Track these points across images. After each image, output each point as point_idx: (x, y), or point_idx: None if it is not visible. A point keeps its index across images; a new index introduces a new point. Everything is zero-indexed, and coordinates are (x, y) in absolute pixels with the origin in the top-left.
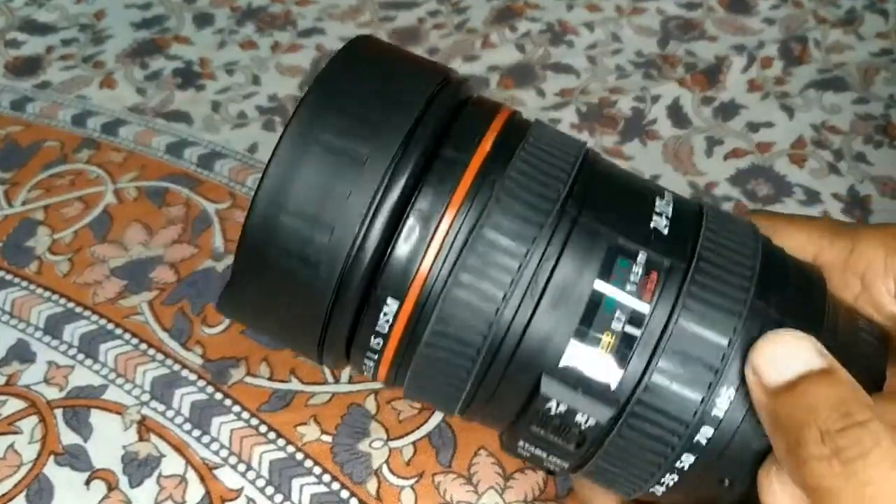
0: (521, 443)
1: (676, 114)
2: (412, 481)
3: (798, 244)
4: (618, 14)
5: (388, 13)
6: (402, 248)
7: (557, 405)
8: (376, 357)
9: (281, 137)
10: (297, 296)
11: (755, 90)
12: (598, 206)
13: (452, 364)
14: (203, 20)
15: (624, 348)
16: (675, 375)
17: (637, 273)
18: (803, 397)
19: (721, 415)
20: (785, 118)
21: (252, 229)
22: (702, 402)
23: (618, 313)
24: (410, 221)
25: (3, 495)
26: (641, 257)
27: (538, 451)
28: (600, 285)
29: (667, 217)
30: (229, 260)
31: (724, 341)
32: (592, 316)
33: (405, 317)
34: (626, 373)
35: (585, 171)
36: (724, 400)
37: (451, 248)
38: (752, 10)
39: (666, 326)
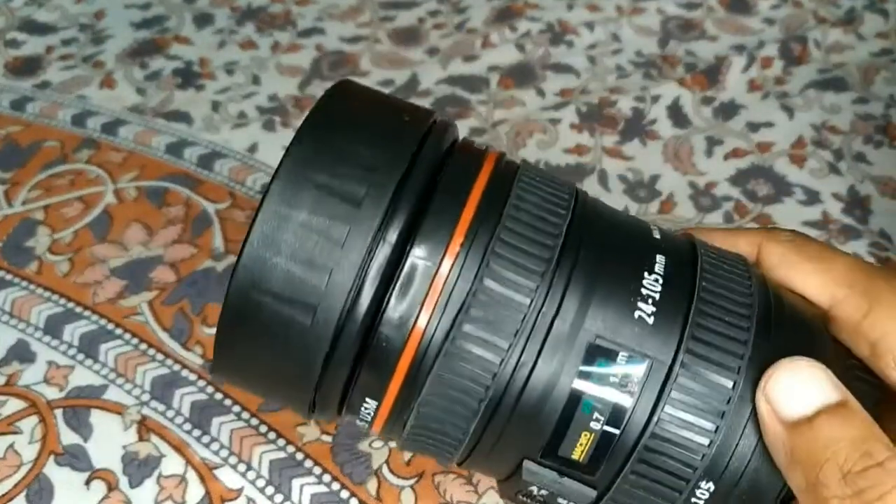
0: (517, 496)
1: (676, 114)
2: (412, 481)
3: (813, 290)
4: (618, 14)
5: (387, 13)
6: (400, 298)
7: (539, 489)
8: (373, 409)
9: (272, 180)
10: (291, 342)
11: (755, 90)
12: (592, 255)
13: (454, 415)
14: (203, 20)
15: (605, 444)
16: (663, 453)
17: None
18: (822, 432)
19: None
20: (785, 118)
21: (243, 271)
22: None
23: (599, 407)
24: (408, 268)
25: (3, 495)
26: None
27: None
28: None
29: (653, 303)
30: (229, 260)
31: (697, 458)
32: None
33: (404, 367)
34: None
35: (577, 215)
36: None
37: (449, 297)
38: (752, 9)
39: (650, 419)
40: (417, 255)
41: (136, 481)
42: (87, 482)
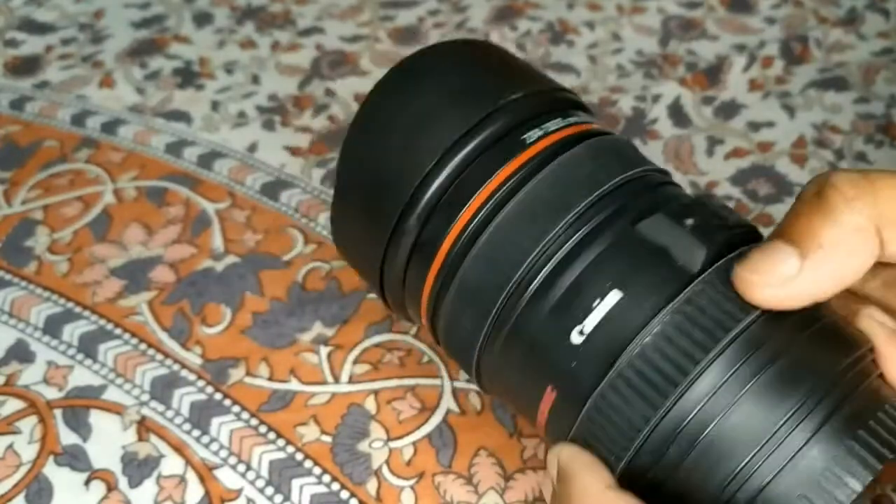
0: None
1: (677, 113)
2: (412, 482)
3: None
4: (618, 13)
5: (387, 12)
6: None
7: None
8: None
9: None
10: (379, 200)
11: (756, 89)
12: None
13: (486, 290)
14: (202, 19)
15: None
16: None
17: None
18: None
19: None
20: (786, 118)
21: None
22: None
23: None
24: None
25: (3, 495)
26: None
27: None
28: None
29: None
30: (229, 260)
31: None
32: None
33: (444, 250)
34: None
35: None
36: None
37: (494, 196)
38: (752, 9)
39: None
40: (487, 157)
41: (135, 481)
42: (87, 482)
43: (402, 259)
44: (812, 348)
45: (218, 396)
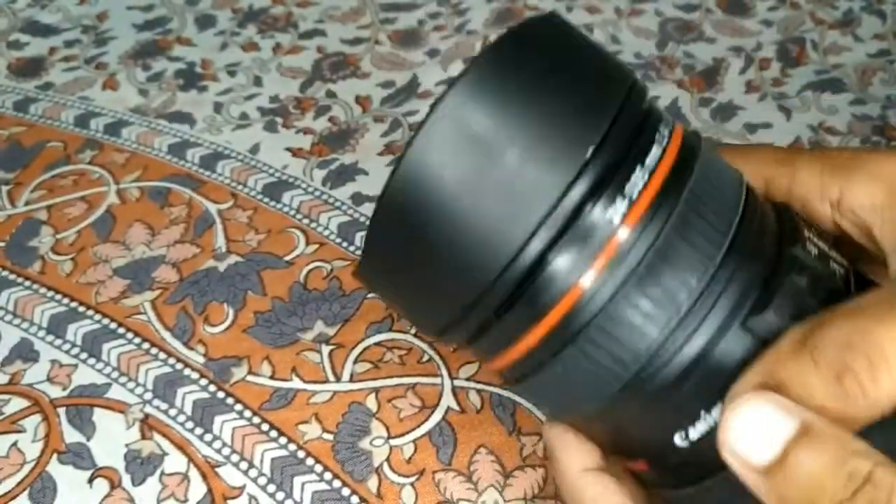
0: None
1: (675, 115)
2: (413, 479)
3: (747, 175)
4: (616, 16)
5: (388, 15)
6: (572, 249)
7: None
8: (503, 348)
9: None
10: (455, 260)
11: (753, 91)
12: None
13: (590, 381)
14: (205, 22)
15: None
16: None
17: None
18: (797, 471)
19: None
20: (783, 119)
21: (418, 157)
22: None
23: None
24: (588, 222)
25: (7, 493)
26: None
27: None
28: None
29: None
30: (231, 260)
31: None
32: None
33: (556, 318)
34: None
35: (748, 203)
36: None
37: (622, 261)
38: (749, 11)
39: None
40: (600, 212)
41: (138, 479)
42: (90, 480)
43: (492, 308)
44: None
45: (220, 395)
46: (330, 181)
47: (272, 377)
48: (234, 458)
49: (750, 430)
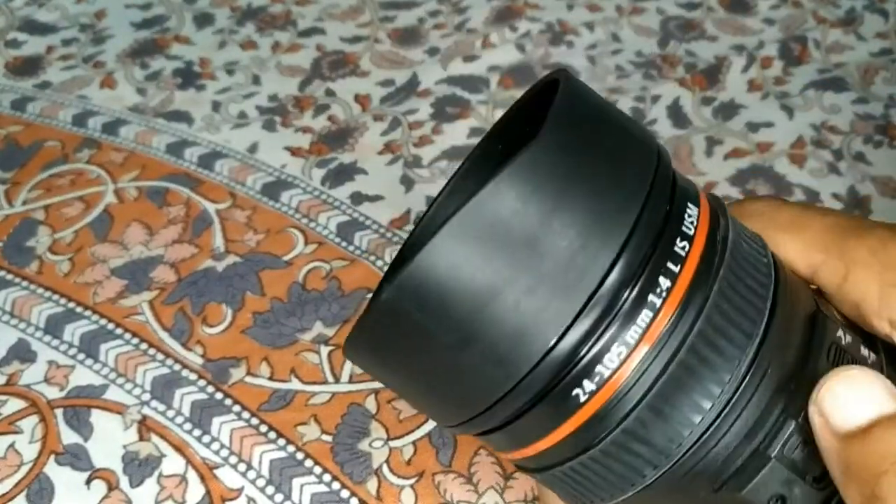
0: None
1: (676, 114)
2: (412, 481)
3: (793, 258)
4: (618, 14)
5: (387, 13)
6: (606, 343)
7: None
8: (526, 443)
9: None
10: (475, 365)
11: (755, 90)
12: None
13: (622, 472)
14: (203, 20)
15: None
16: None
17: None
18: (879, 444)
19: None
20: (785, 118)
21: (435, 252)
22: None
23: None
24: (622, 314)
25: (4, 495)
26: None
27: None
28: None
29: None
30: (229, 260)
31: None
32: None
33: (587, 413)
34: None
35: (779, 292)
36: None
37: (657, 354)
38: (751, 10)
39: None
40: (633, 302)
41: (136, 481)
42: (88, 482)
43: (519, 405)
44: None
45: (219, 396)
46: (329, 180)
47: (271, 378)
48: (233, 459)
49: (849, 396)
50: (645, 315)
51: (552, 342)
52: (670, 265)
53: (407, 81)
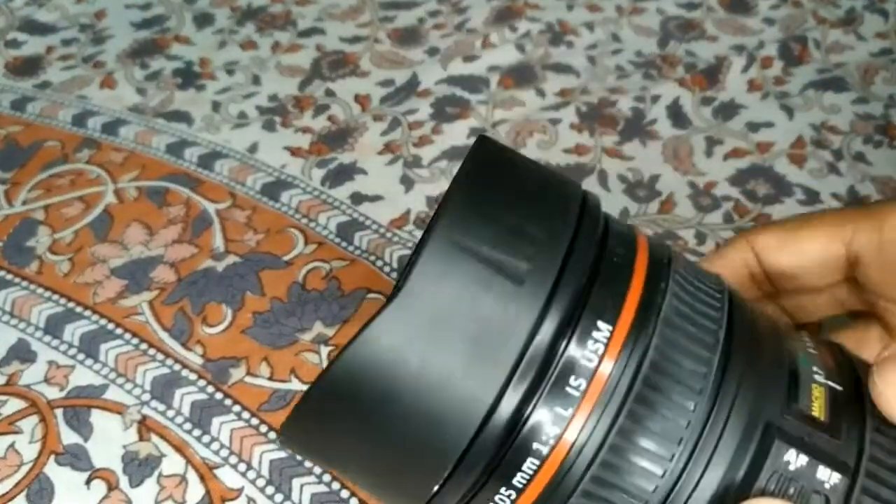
0: None
1: (676, 114)
2: None
3: (822, 247)
4: (618, 14)
5: (387, 13)
6: (550, 399)
7: None
8: None
9: (425, 243)
10: (416, 441)
11: (755, 90)
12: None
13: None
14: (203, 20)
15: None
16: None
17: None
18: None
19: None
20: (785, 118)
21: (375, 332)
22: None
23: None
24: (562, 366)
25: (4, 495)
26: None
27: None
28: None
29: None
30: (229, 260)
31: None
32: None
33: (545, 479)
34: None
35: (733, 314)
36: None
37: (608, 401)
38: (751, 10)
39: None
40: (575, 351)
41: (136, 481)
42: (88, 482)
43: (470, 482)
44: None
45: (219, 396)
46: (329, 180)
47: (271, 378)
48: (233, 459)
49: None
50: (587, 364)
51: (486, 410)
52: (601, 323)
53: (407, 81)
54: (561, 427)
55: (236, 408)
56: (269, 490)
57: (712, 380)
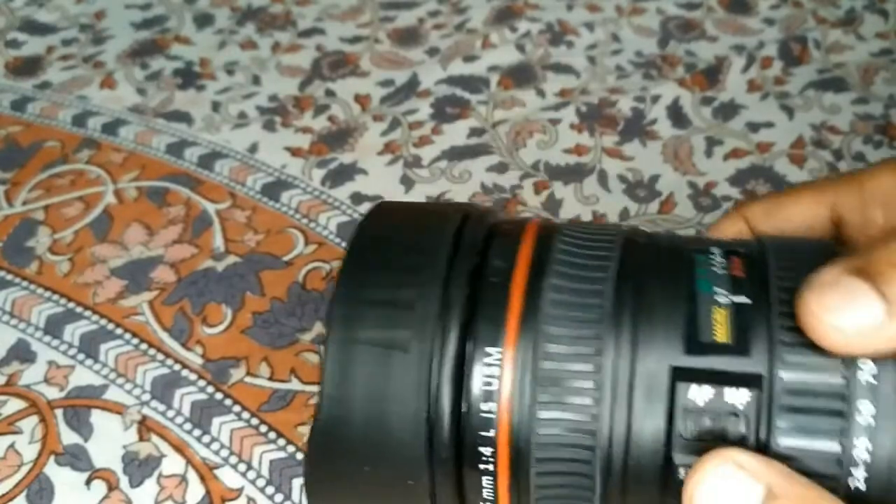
0: None
1: (676, 114)
2: None
3: (807, 212)
4: (618, 14)
5: (387, 13)
6: (476, 395)
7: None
8: (492, 499)
9: (327, 342)
10: (391, 466)
11: (755, 90)
12: (646, 286)
13: (574, 486)
14: (203, 20)
15: None
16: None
17: None
18: None
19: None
20: (785, 118)
21: (328, 402)
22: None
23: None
24: (476, 370)
25: (4, 495)
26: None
27: None
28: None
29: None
30: (229, 260)
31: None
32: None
33: (505, 456)
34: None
35: (627, 252)
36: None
37: (520, 385)
38: (751, 10)
39: None
40: (478, 354)
41: (136, 481)
42: (88, 482)
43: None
44: None
45: (219, 396)
46: (329, 180)
47: (271, 378)
48: (233, 459)
49: (716, 500)
50: (494, 354)
51: (426, 412)
52: (490, 349)
53: (407, 81)
54: (494, 419)
55: (236, 408)
56: (269, 490)
57: (607, 343)
